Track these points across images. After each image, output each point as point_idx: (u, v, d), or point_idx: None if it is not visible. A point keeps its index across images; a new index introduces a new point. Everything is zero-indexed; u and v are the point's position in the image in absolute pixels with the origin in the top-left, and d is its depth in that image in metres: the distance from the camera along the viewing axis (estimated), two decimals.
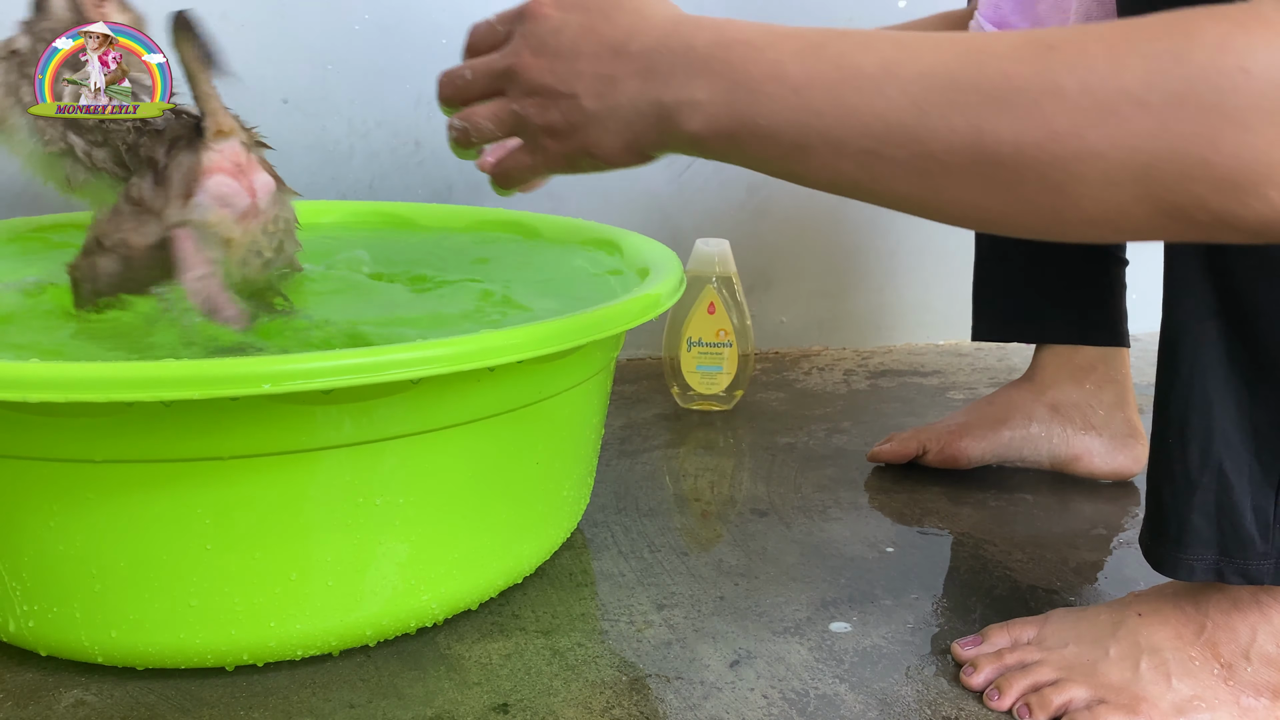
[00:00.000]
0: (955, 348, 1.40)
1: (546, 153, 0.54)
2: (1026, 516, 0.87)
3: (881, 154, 0.44)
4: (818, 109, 0.45)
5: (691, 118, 0.48)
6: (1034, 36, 0.42)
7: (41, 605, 0.60)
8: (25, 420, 0.55)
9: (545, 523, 0.73)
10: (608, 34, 0.51)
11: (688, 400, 1.13)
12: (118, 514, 0.57)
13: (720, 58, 0.48)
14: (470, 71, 0.56)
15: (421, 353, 0.55)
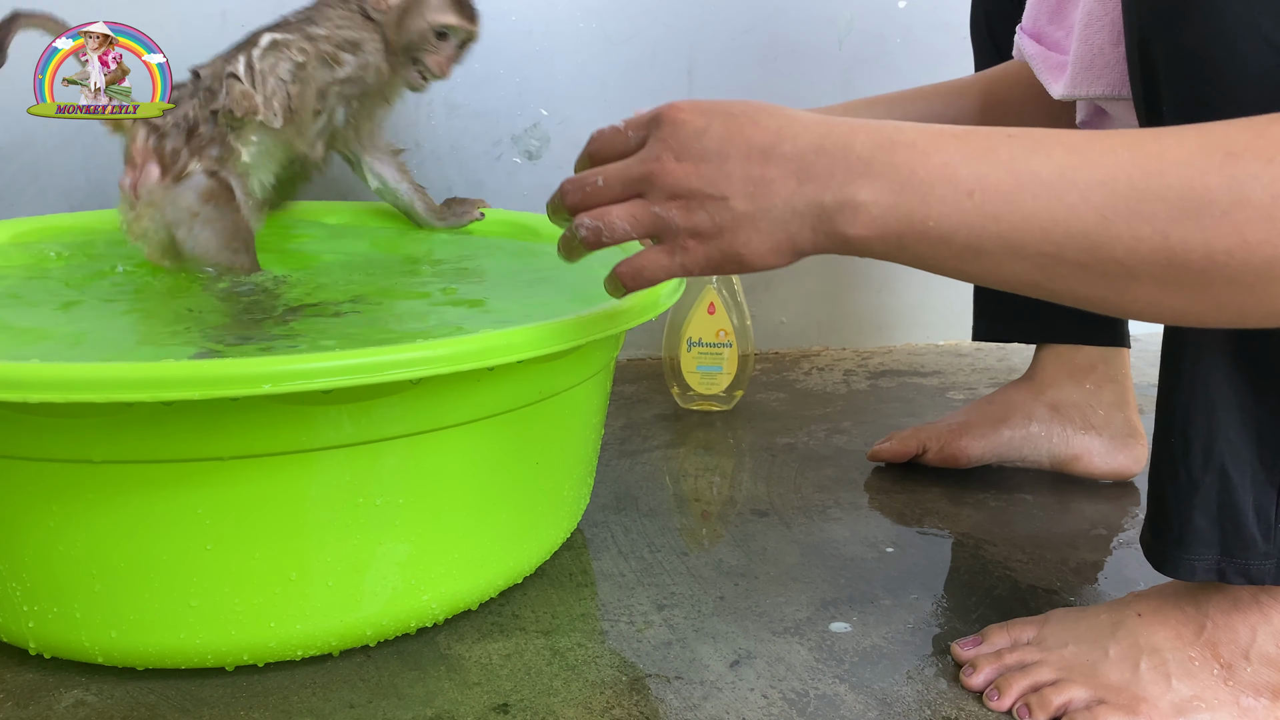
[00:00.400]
0: (955, 348, 1.40)
1: (688, 253, 0.52)
2: (1026, 516, 0.87)
3: (1062, 258, 0.45)
4: (993, 214, 0.46)
5: (854, 220, 0.48)
6: (1211, 141, 0.43)
7: (42, 605, 0.60)
8: (25, 421, 0.55)
9: (545, 523, 0.73)
10: (756, 137, 0.50)
11: (688, 400, 1.13)
12: (117, 514, 0.57)
13: (883, 160, 0.48)
14: (602, 178, 0.54)
15: (421, 353, 0.55)
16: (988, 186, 0.46)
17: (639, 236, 0.54)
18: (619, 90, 1.25)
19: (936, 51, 1.30)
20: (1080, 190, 0.45)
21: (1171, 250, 0.43)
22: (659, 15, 1.25)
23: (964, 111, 0.80)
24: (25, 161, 1.12)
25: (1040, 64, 0.72)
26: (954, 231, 0.47)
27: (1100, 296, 0.46)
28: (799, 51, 1.29)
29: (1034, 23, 0.74)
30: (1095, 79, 0.62)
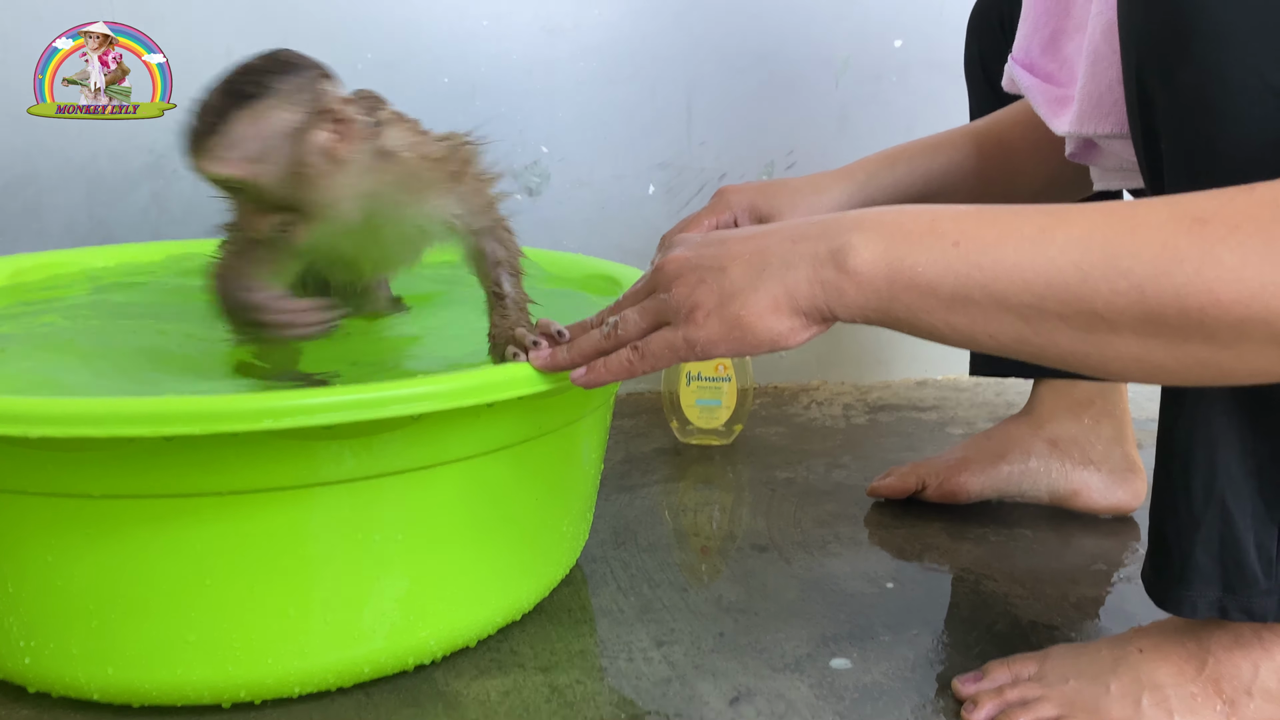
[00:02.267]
0: (953, 382, 1.40)
1: (693, 325, 0.54)
2: (1026, 552, 0.87)
3: (1044, 309, 0.47)
4: (977, 262, 0.48)
5: (846, 262, 0.50)
6: (1181, 209, 0.45)
7: (39, 641, 0.60)
8: (25, 455, 0.55)
9: (544, 559, 0.73)
10: (752, 229, 0.56)
11: (687, 435, 1.13)
12: (116, 549, 0.57)
13: (873, 219, 0.51)
14: (621, 306, 0.60)
15: (422, 388, 0.55)
16: (971, 238, 0.49)
17: (650, 327, 0.57)
18: (619, 128, 1.26)
19: (932, 89, 1.32)
20: (1059, 245, 0.47)
21: (1147, 304, 0.45)
22: (658, 54, 1.26)
23: (971, 159, 0.81)
24: (28, 198, 1.13)
25: (1038, 97, 0.72)
26: (940, 278, 0.49)
27: (1084, 351, 0.48)
28: (796, 90, 1.31)
29: (1026, 54, 0.75)
30: (1103, 117, 0.63)
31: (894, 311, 0.51)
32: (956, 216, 0.50)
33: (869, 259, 0.50)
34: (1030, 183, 0.80)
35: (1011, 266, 0.48)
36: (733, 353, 0.54)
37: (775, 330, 0.53)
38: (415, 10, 1.19)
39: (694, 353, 0.55)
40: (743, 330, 0.53)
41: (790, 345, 0.54)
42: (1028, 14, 0.76)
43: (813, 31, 1.30)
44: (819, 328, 0.53)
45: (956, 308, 0.49)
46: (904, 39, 1.32)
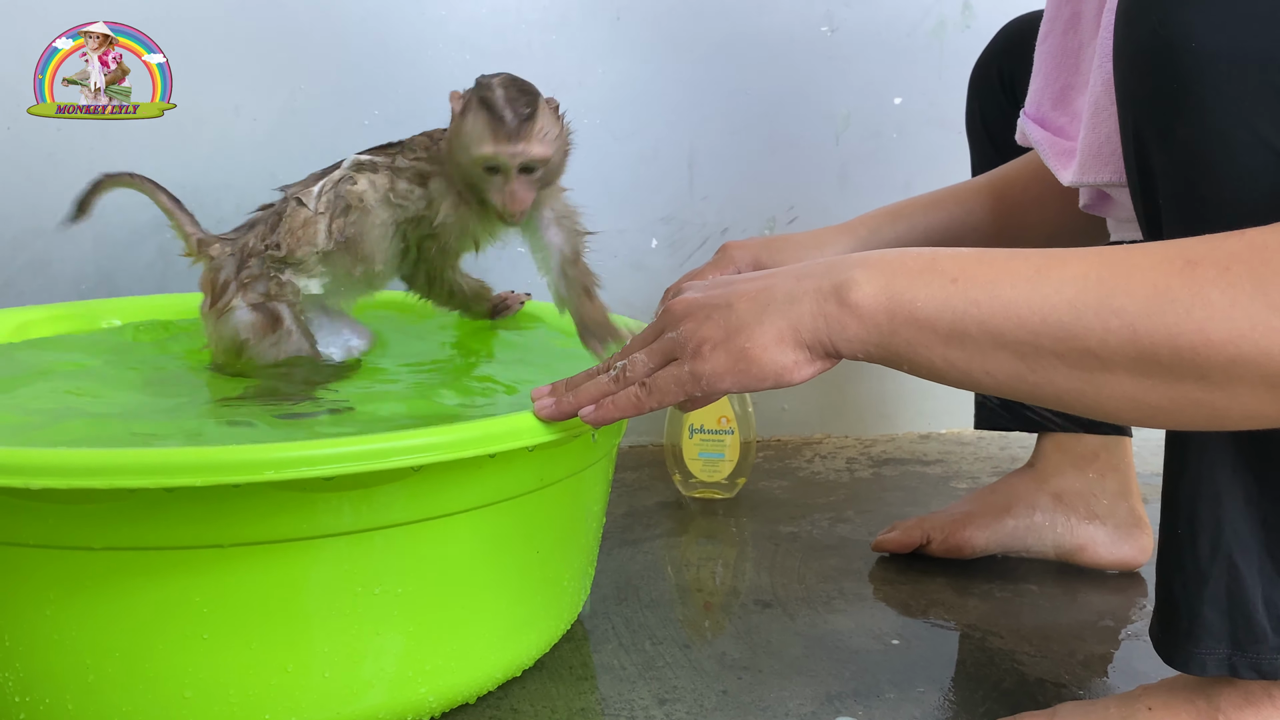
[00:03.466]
0: (958, 436, 1.40)
1: (699, 359, 0.55)
2: (1033, 607, 0.86)
3: (1039, 346, 0.48)
4: (974, 299, 0.49)
5: (848, 295, 0.52)
6: (1172, 252, 0.46)
7: (34, 696, 0.59)
8: (24, 507, 0.55)
9: (545, 614, 0.72)
10: (758, 273, 0.58)
11: (690, 488, 1.12)
12: (115, 602, 0.57)
13: (876, 257, 0.53)
14: (629, 350, 0.61)
15: (424, 439, 0.55)
16: (969, 275, 0.50)
17: (658, 366, 0.58)
18: (621, 183, 1.28)
19: (931, 146, 1.33)
20: (1054, 284, 0.48)
21: (1139, 342, 0.46)
22: (660, 112, 1.28)
23: (976, 213, 0.82)
24: (36, 250, 1.14)
25: (1047, 150, 0.73)
26: (939, 314, 0.50)
27: (1079, 389, 0.48)
28: (797, 146, 1.32)
29: (1038, 108, 0.76)
30: (1103, 167, 0.64)
31: (894, 346, 0.51)
32: (956, 256, 0.51)
33: (870, 293, 0.51)
34: (1038, 236, 0.81)
35: (1007, 303, 0.48)
36: (738, 385, 0.54)
37: (780, 363, 0.53)
38: (421, 70, 1.20)
39: (700, 385, 0.55)
40: (748, 362, 0.54)
41: (794, 380, 0.54)
42: (1039, 69, 0.77)
43: (813, 88, 1.32)
44: (823, 363, 0.54)
45: (954, 343, 0.50)
46: (904, 96, 1.34)
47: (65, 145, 1.13)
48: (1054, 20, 0.75)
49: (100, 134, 1.13)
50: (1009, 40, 0.93)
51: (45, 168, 1.13)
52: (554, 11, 1.23)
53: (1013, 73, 0.91)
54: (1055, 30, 0.75)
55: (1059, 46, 0.75)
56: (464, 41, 1.22)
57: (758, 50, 1.29)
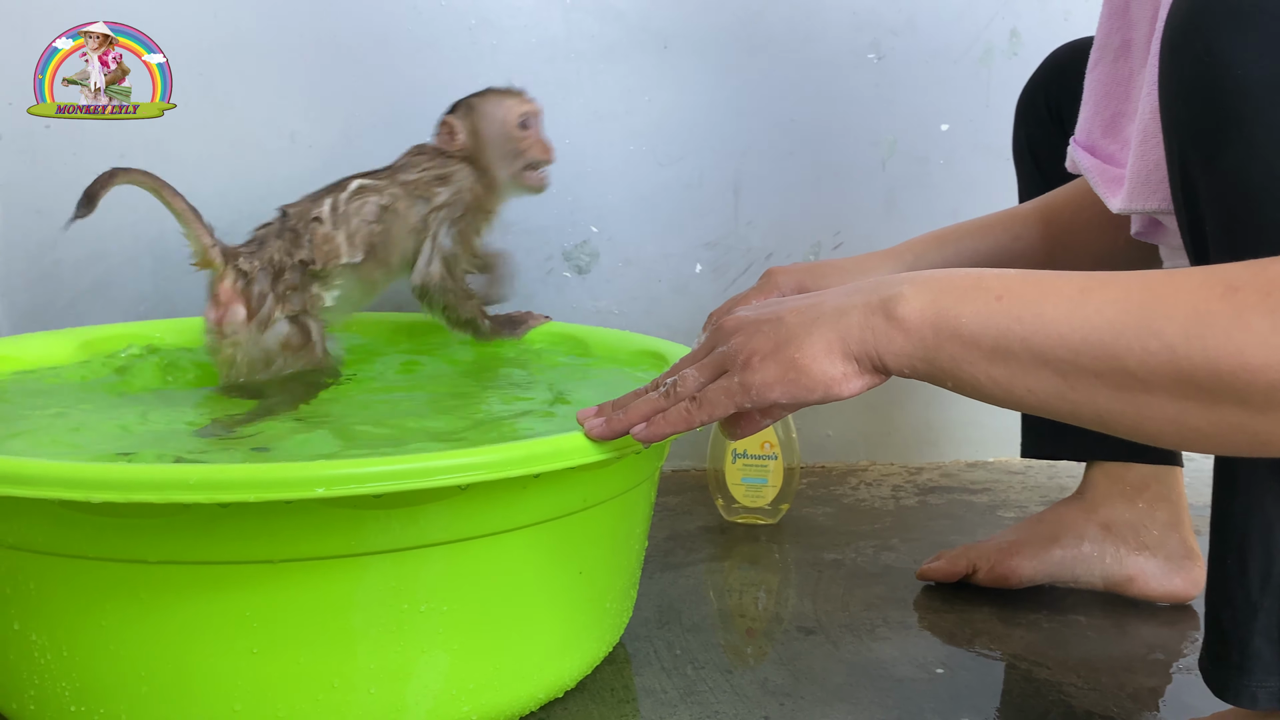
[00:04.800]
0: (1005, 465, 1.38)
1: (749, 370, 0.56)
2: (1080, 639, 0.85)
3: (1079, 365, 0.48)
4: (1018, 316, 0.50)
5: (896, 308, 0.53)
6: (1215, 276, 0.46)
7: (89, 706, 0.60)
8: (84, 520, 0.57)
9: (587, 635, 0.72)
10: (807, 294, 0.59)
11: (732, 513, 1.12)
12: (168, 615, 0.58)
13: (924, 275, 0.54)
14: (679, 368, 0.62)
15: (471, 458, 0.56)
16: (1014, 294, 0.51)
17: (708, 380, 0.58)
18: (666, 210, 1.29)
19: (979, 173, 1.33)
20: (1095, 304, 0.48)
21: (1179, 364, 0.45)
22: (705, 138, 1.29)
23: (1031, 239, 0.82)
24: (98, 274, 1.17)
25: (1097, 177, 0.73)
26: (983, 330, 0.50)
27: (1120, 410, 0.48)
28: (843, 173, 1.33)
29: (1088, 135, 0.76)
30: (1151, 193, 0.64)
31: (938, 362, 0.52)
32: (1002, 275, 0.52)
33: (917, 308, 0.52)
34: (1086, 262, 0.80)
35: (1050, 322, 0.49)
36: (788, 396, 0.55)
37: (829, 374, 0.54)
38: None
39: (749, 395, 0.56)
40: (797, 372, 0.54)
41: (843, 392, 0.54)
42: (1089, 97, 0.77)
43: (860, 115, 1.32)
44: (871, 378, 0.54)
45: (997, 360, 0.50)
46: (951, 123, 1.34)
47: None
48: (1104, 48, 0.75)
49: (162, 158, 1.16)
50: (1056, 67, 0.93)
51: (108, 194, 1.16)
52: (603, 41, 1.25)
53: (1059, 100, 0.91)
54: (1105, 58, 0.75)
55: (1109, 74, 0.75)
56: (514, 71, 1.24)
57: (804, 78, 1.30)
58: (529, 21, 1.23)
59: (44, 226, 1.15)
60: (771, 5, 1.28)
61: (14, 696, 0.64)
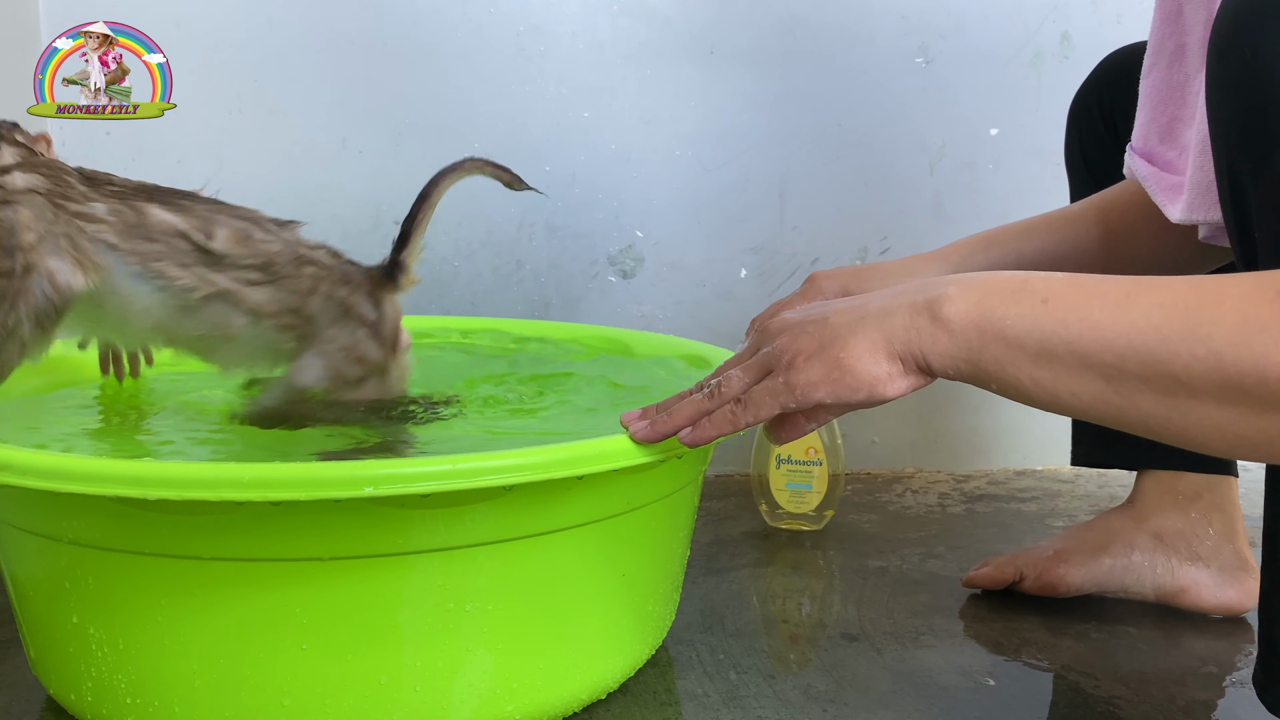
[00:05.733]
0: (1054, 473, 1.36)
1: (794, 370, 0.56)
2: (1130, 650, 0.83)
3: (1124, 369, 0.48)
4: (1063, 319, 0.49)
5: (942, 308, 0.53)
6: (1264, 282, 0.46)
7: (144, 699, 0.62)
8: (141, 516, 0.58)
9: (630, 637, 0.73)
10: (854, 296, 0.59)
11: (776, 519, 1.12)
12: (221, 611, 0.59)
13: (969, 276, 0.54)
14: (724, 369, 0.62)
15: (516, 460, 0.57)
16: (1060, 297, 0.50)
17: (753, 382, 0.58)
18: (711, 214, 1.29)
19: (1028, 178, 1.31)
20: (1142, 309, 0.48)
21: (1225, 371, 0.45)
22: (751, 143, 1.29)
23: (1081, 241, 0.81)
24: None
25: (1154, 185, 0.72)
26: (1028, 332, 0.50)
27: (1165, 416, 0.48)
28: (890, 177, 1.32)
29: (1144, 142, 0.75)
30: (1212, 204, 0.63)
31: (983, 364, 0.52)
32: (1048, 278, 0.52)
33: (963, 309, 0.52)
34: (1134, 264, 0.79)
35: (1095, 325, 0.48)
36: (832, 396, 0.55)
37: (874, 374, 0.54)
38: (519, 104, 1.24)
39: (794, 395, 0.56)
40: (842, 371, 0.54)
41: (888, 393, 0.54)
42: (1145, 103, 0.76)
43: (908, 119, 1.31)
44: (916, 379, 0.54)
45: (1041, 363, 0.50)
46: (1000, 127, 1.32)
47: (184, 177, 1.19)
48: (1158, 53, 0.74)
49: (217, 164, 1.19)
50: (1110, 72, 0.92)
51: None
52: (649, 46, 1.26)
53: (1113, 104, 0.90)
54: (1160, 64, 0.74)
55: (1164, 80, 0.74)
56: (562, 77, 1.25)
57: (851, 82, 1.30)
58: (576, 28, 1.24)
59: None
60: (818, 10, 1.28)
61: (72, 688, 0.65)
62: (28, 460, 0.56)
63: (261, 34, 1.19)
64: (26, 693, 0.73)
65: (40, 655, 0.68)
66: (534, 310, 1.27)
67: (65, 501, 0.58)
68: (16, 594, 0.68)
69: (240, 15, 1.18)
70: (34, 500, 0.61)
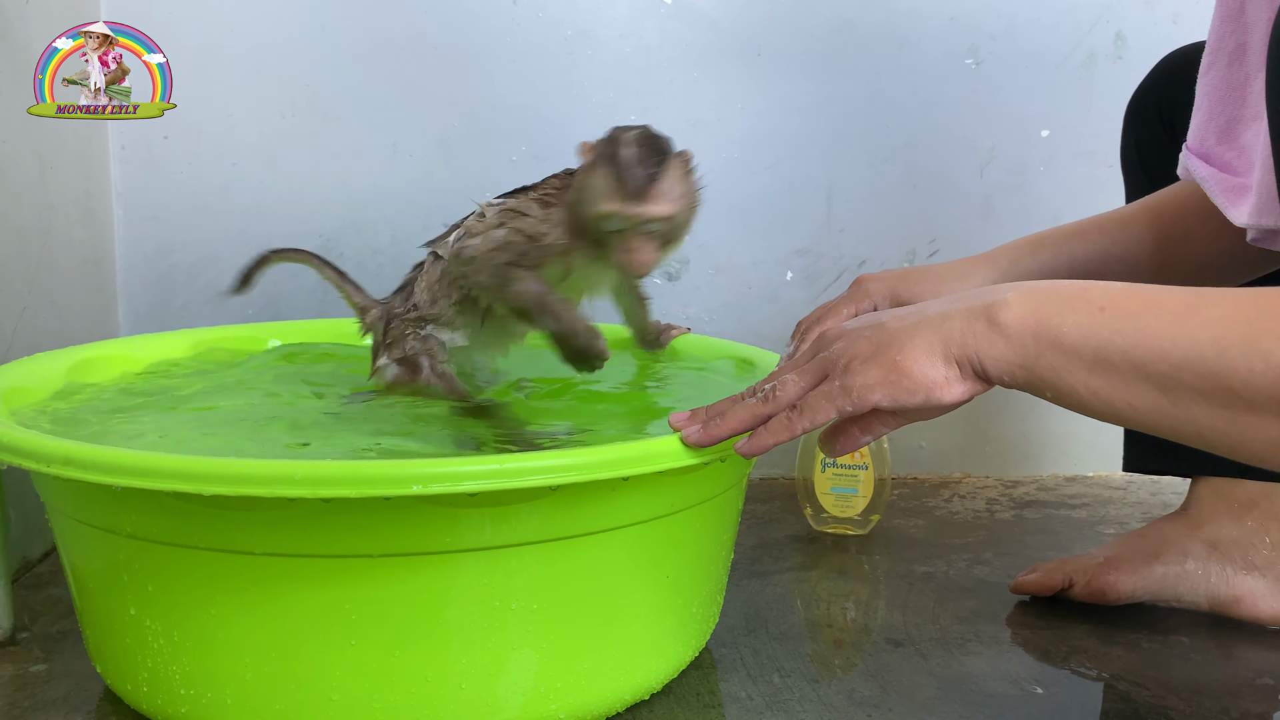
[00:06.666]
0: (1105, 480, 1.34)
1: (850, 374, 0.56)
2: (1183, 660, 0.82)
3: (1181, 381, 0.48)
4: (1119, 328, 0.49)
5: (1000, 313, 0.53)
6: None
7: (198, 690, 0.63)
8: (197, 512, 0.59)
9: (674, 639, 0.73)
10: (908, 306, 0.59)
11: (821, 523, 1.12)
12: (273, 605, 0.60)
13: (1028, 284, 0.54)
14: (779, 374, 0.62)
15: (561, 460, 0.57)
16: (1117, 306, 0.50)
17: (809, 386, 0.58)
18: (758, 216, 1.29)
19: (1079, 180, 1.30)
20: (1200, 321, 0.47)
21: None
22: (798, 145, 1.28)
23: (1133, 244, 0.80)
24: (209, 278, 1.22)
25: (1214, 187, 0.71)
26: (1084, 341, 0.50)
27: (1222, 429, 0.47)
28: (939, 180, 1.31)
29: (1201, 142, 0.74)
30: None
31: (1038, 370, 0.51)
32: (1106, 288, 0.51)
33: (1019, 315, 0.52)
34: (1188, 267, 0.78)
35: (1152, 335, 0.48)
36: (889, 399, 0.54)
37: (930, 377, 0.54)
38: (566, 108, 1.25)
39: (850, 398, 0.56)
40: (899, 374, 0.54)
41: (945, 398, 0.54)
42: (1201, 102, 0.74)
43: (956, 121, 1.30)
44: (972, 384, 0.54)
45: (1097, 371, 0.50)
46: (1051, 129, 1.31)
47: (239, 179, 1.21)
48: (1217, 52, 0.73)
49: (270, 166, 1.22)
50: (1169, 71, 0.91)
51: (219, 201, 1.21)
52: (696, 49, 1.26)
53: (1172, 105, 0.88)
54: (1219, 62, 0.73)
55: (1223, 79, 0.73)
56: (608, 80, 1.25)
57: (900, 83, 1.29)
58: (624, 31, 1.25)
59: (161, 232, 1.21)
60: (866, 11, 1.27)
61: (129, 678, 0.67)
62: (88, 455, 0.57)
63: (314, 40, 1.21)
64: (85, 683, 0.75)
65: (98, 646, 0.70)
66: None
67: (123, 496, 0.60)
68: (77, 586, 0.70)
69: (294, 22, 1.20)
70: (94, 494, 0.63)
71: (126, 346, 0.96)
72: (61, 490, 0.66)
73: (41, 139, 0.99)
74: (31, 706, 0.71)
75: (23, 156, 0.96)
